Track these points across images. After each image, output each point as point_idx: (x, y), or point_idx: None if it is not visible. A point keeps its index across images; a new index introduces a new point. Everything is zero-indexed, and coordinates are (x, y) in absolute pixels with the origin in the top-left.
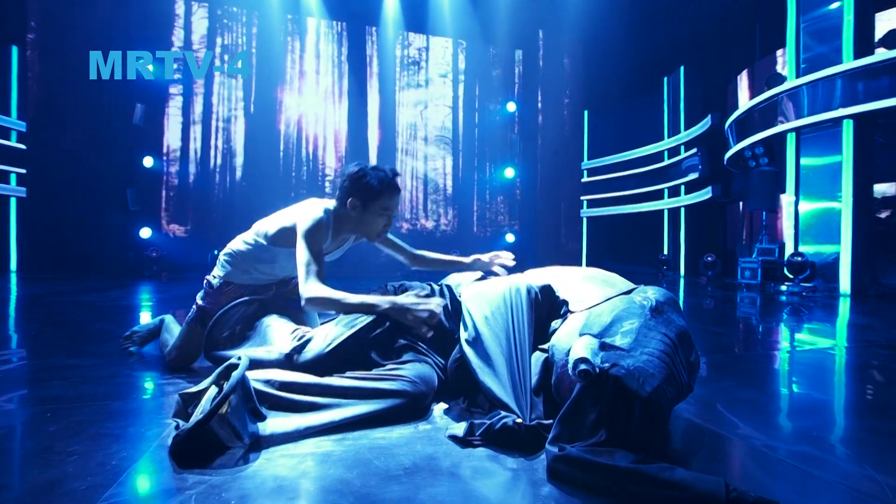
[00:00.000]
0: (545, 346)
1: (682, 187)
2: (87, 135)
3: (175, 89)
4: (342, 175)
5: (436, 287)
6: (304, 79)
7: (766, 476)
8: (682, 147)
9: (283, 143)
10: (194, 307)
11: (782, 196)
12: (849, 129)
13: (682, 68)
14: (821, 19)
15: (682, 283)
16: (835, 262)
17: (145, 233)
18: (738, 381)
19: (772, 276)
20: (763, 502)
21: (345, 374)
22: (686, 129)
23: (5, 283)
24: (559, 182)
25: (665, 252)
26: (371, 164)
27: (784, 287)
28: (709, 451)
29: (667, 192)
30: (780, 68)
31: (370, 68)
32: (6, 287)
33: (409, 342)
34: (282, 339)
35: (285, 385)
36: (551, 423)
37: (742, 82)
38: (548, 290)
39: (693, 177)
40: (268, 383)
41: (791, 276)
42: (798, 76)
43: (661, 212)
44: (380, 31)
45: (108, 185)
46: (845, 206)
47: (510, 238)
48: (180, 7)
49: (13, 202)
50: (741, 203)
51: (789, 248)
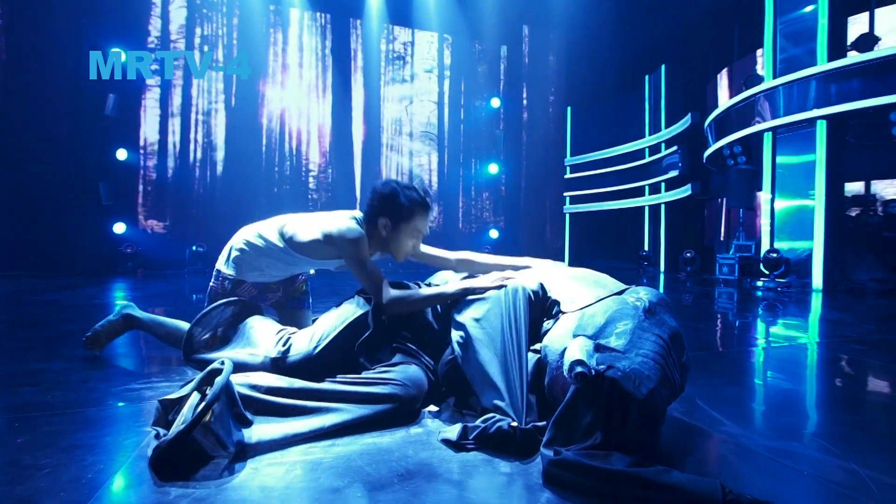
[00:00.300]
0: (537, 347)
1: (663, 184)
2: (56, 126)
3: (152, 80)
4: (371, 192)
5: (423, 286)
6: (286, 72)
7: (756, 474)
8: (663, 145)
9: (266, 138)
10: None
11: (759, 193)
12: (822, 129)
13: (664, 67)
14: (796, 21)
15: (662, 278)
16: (808, 258)
17: (119, 228)
18: (722, 379)
19: (748, 272)
20: None
21: (334, 377)
22: (667, 126)
23: None
24: (544, 179)
25: (646, 248)
26: (402, 182)
27: (760, 283)
28: (699, 450)
29: (647, 188)
30: (759, 68)
31: (355, 62)
32: None
33: (398, 344)
34: (266, 340)
35: (272, 389)
36: (545, 425)
37: (722, 81)
38: (541, 290)
39: (673, 174)
40: (253, 388)
41: (767, 272)
42: (775, 77)
43: (642, 208)
44: (364, 24)
45: (79, 178)
46: (818, 204)
47: (494, 234)
48: None
49: None
50: (719, 200)
51: (765, 245)
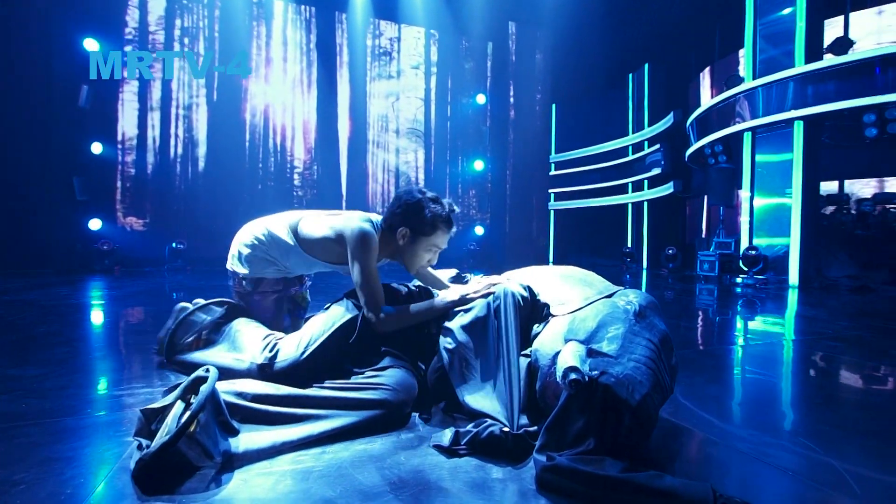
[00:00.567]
0: (527, 351)
1: (646, 182)
2: (26, 118)
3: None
4: (396, 199)
5: (413, 288)
6: (270, 66)
7: (742, 475)
8: (646, 143)
9: (249, 134)
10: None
11: (739, 192)
12: (799, 129)
13: (647, 66)
14: (775, 23)
15: (644, 275)
16: (785, 255)
17: (95, 224)
18: (704, 377)
19: (728, 269)
20: None
21: (323, 383)
22: (650, 125)
23: None
24: (531, 176)
25: (629, 245)
26: (428, 194)
27: (739, 279)
28: (686, 451)
29: (631, 186)
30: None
31: (340, 57)
32: None
33: (387, 347)
34: (253, 346)
35: (258, 397)
36: (537, 429)
37: (704, 81)
38: (529, 293)
39: (656, 172)
40: (239, 395)
41: (746, 269)
42: (755, 77)
43: (626, 205)
44: (350, 18)
45: (51, 172)
46: (795, 203)
47: (479, 231)
48: None
49: None
50: (701, 198)
51: (744, 242)
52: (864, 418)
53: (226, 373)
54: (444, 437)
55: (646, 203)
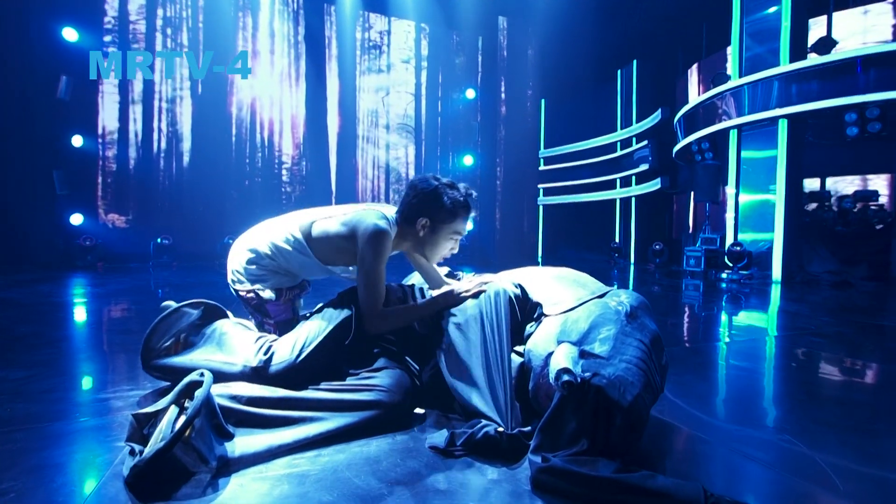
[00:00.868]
0: (520, 350)
1: (634, 178)
2: (1, 109)
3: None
4: (411, 189)
5: (406, 287)
6: (257, 59)
7: (730, 473)
8: (634, 139)
9: (235, 128)
10: (269, 331)
11: (725, 188)
12: (783, 127)
13: (635, 62)
14: (761, 21)
15: (632, 270)
16: (768, 251)
17: (76, 219)
18: (694, 375)
19: (714, 264)
20: None
21: (318, 385)
22: (638, 121)
23: None
24: (521, 172)
25: (617, 240)
26: (443, 180)
27: (724, 275)
28: (676, 449)
29: (619, 182)
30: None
31: (329, 50)
32: None
33: (381, 348)
34: (245, 348)
35: (253, 400)
36: (531, 429)
37: (691, 78)
38: (522, 292)
39: (644, 168)
40: (234, 398)
41: (731, 265)
42: (741, 75)
43: (614, 201)
44: (339, 11)
45: (30, 165)
46: (778, 200)
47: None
48: None
49: None
50: (687, 194)
51: (730, 238)
52: (846, 414)
53: (216, 376)
54: (440, 438)
55: (633, 199)
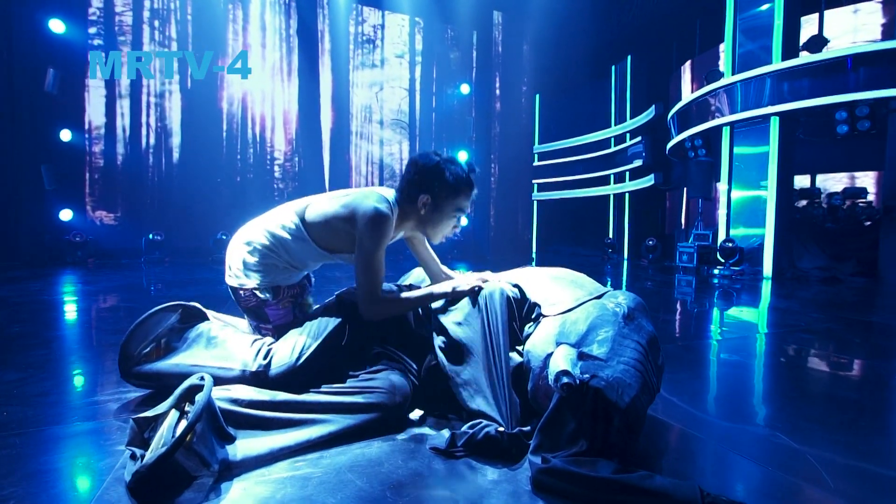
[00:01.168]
0: (518, 349)
1: (627, 174)
2: None
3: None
4: (412, 165)
5: (403, 287)
6: (248, 53)
7: (725, 471)
8: (628, 135)
9: (226, 123)
10: (266, 335)
11: (717, 184)
12: (775, 125)
13: (629, 58)
14: (754, 18)
15: (625, 265)
16: (760, 247)
17: (66, 215)
18: (688, 374)
19: (706, 260)
20: None
21: (318, 388)
22: (632, 117)
23: None
24: (516, 168)
25: (610, 236)
26: (444, 155)
27: (717, 270)
28: (674, 447)
29: (613, 177)
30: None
31: (322, 44)
32: None
33: (381, 349)
34: (242, 352)
35: (254, 403)
36: (530, 429)
37: (684, 75)
38: (520, 292)
39: (637, 164)
40: (234, 402)
41: (723, 261)
42: (734, 71)
43: (608, 196)
44: (331, 4)
45: (17, 160)
46: (770, 197)
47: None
48: None
49: None
50: (681, 190)
51: (721, 234)
52: (835, 411)
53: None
54: (441, 439)
55: (627, 194)
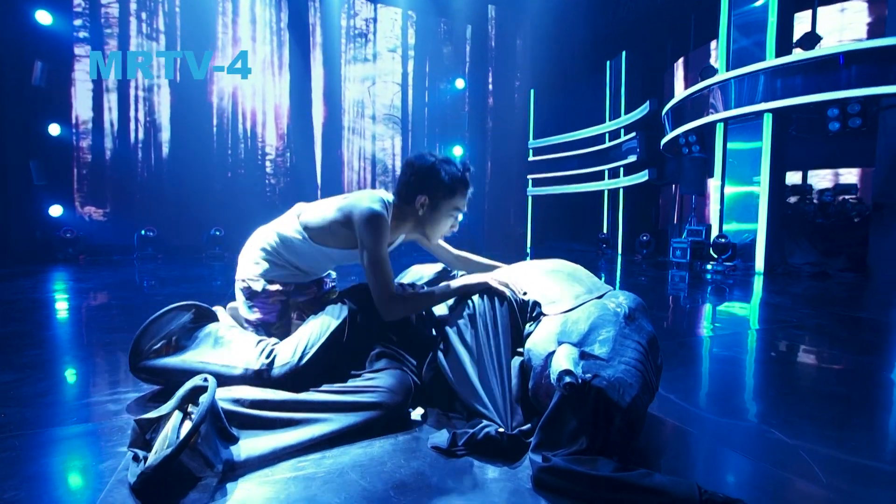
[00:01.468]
0: (519, 349)
1: (622, 169)
2: None
3: (81, 49)
4: (408, 167)
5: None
6: (238, 46)
7: (721, 467)
8: (622, 130)
9: (217, 118)
10: (248, 327)
11: (710, 180)
12: (768, 121)
13: (624, 53)
14: (748, 14)
15: (619, 260)
16: (752, 242)
17: (56, 210)
18: (685, 369)
19: (699, 256)
20: (730, 502)
21: (320, 387)
22: (626, 112)
23: None
24: (509, 163)
25: (605, 231)
26: (439, 156)
27: (710, 266)
28: (671, 444)
29: (607, 173)
30: (712, 60)
31: (313, 38)
32: None
33: (383, 348)
34: (246, 352)
35: (256, 403)
36: (530, 427)
37: (678, 71)
38: (522, 293)
39: (632, 159)
40: (237, 402)
41: (716, 256)
42: (728, 67)
43: (602, 192)
44: None
45: (4, 155)
46: (762, 193)
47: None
48: None
49: None
50: (673, 186)
51: (715, 230)
52: (826, 407)
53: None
54: (442, 438)
55: (621, 190)
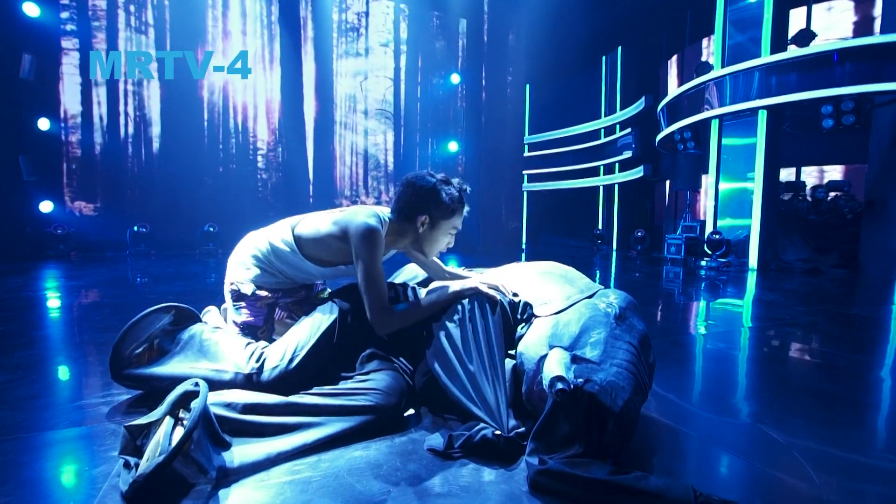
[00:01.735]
0: (512, 352)
1: (617, 165)
2: None
3: (69, 42)
4: (408, 187)
5: (398, 286)
6: (228, 40)
7: (717, 469)
8: (618, 126)
9: (207, 113)
10: (236, 329)
11: (704, 177)
12: (763, 118)
13: (620, 49)
14: (743, 10)
15: (614, 256)
16: (745, 239)
17: (46, 206)
18: (678, 368)
19: (693, 252)
20: None
21: (311, 390)
22: (622, 108)
23: None
24: (505, 158)
25: (600, 227)
26: (438, 176)
27: (704, 262)
28: (665, 445)
29: (602, 169)
30: (705, 56)
31: (304, 32)
32: None
33: (374, 349)
34: (235, 355)
35: (249, 407)
36: (525, 430)
37: (673, 67)
38: (513, 294)
39: (627, 155)
40: (229, 406)
41: (710, 252)
42: (724, 64)
43: (597, 188)
44: None
45: None
46: (756, 190)
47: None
48: None
49: None
50: (668, 182)
51: (709, 227)
52: (818, 406)
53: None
54: (438, 440)
55: (616, 186)
